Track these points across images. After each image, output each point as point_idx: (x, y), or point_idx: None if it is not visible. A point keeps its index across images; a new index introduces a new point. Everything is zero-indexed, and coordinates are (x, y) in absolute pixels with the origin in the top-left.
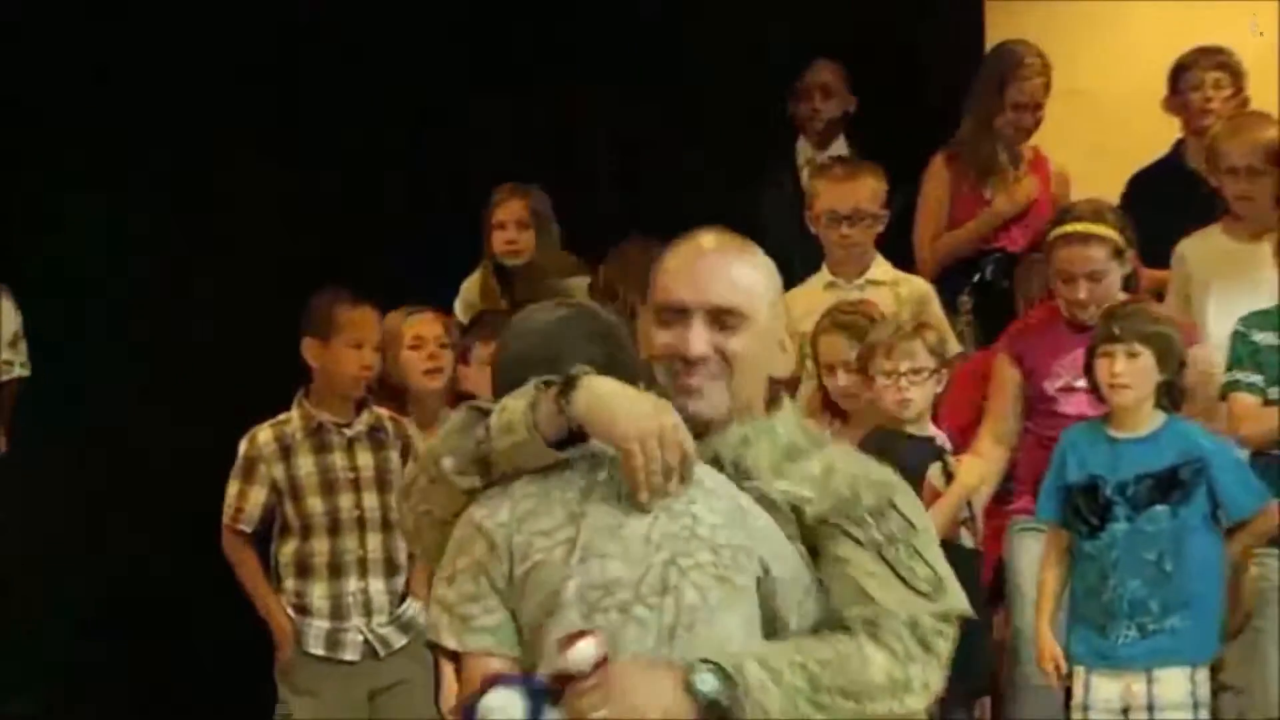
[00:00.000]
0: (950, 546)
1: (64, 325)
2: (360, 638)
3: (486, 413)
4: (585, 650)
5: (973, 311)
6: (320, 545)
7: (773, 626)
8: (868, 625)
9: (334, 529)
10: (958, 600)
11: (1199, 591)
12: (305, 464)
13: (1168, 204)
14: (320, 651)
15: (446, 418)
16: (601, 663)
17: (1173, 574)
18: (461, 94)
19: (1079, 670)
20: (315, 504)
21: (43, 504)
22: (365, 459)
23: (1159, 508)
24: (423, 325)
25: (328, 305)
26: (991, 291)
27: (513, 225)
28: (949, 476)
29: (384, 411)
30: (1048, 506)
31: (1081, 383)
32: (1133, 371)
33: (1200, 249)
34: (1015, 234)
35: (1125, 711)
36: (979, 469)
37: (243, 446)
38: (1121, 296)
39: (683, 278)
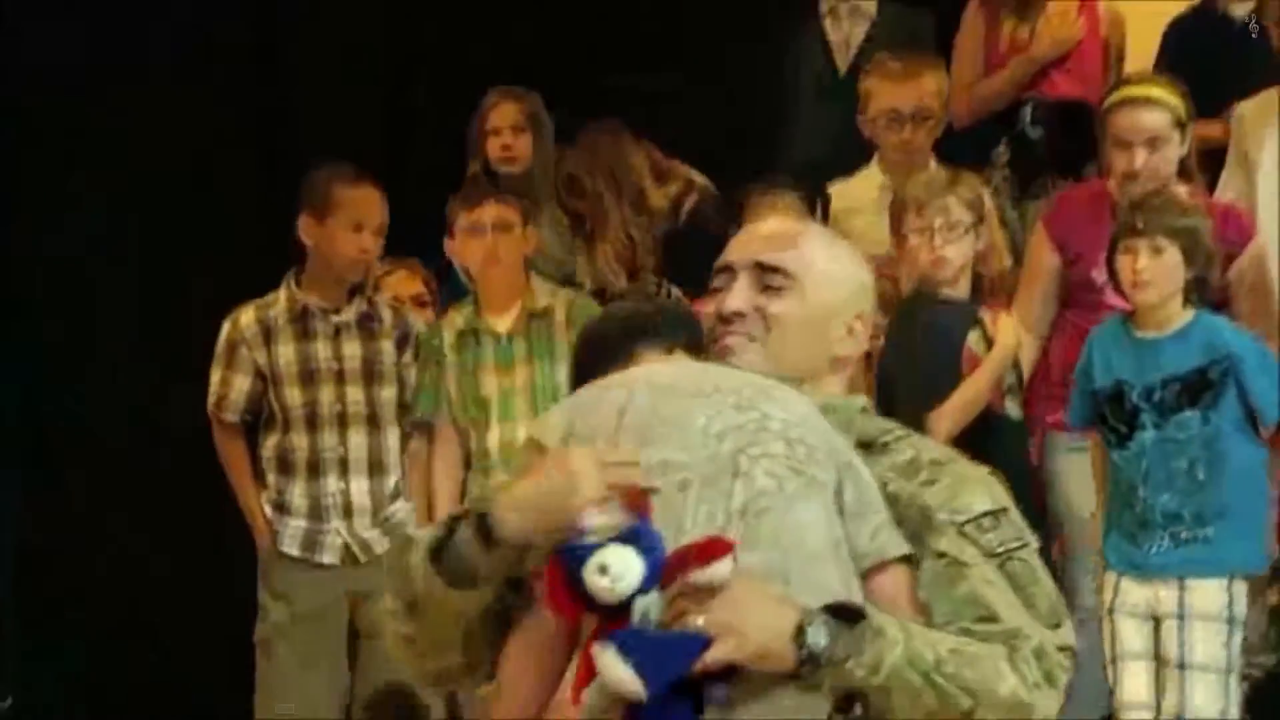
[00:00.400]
0: (995, 418)
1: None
2: (339, 540)
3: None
4: (723, 569)
5: (1009, 165)
6: (300, 440)
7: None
8: (1005, 643)
9: (313, 423)
10: (1071, 634)
11: (1236, 501)
12: (286, 351)
13: (1208, 54)
14: (296, 553)
15: None
16: None
17: (1206, 483)
18: None
19: (1110, 575)
20: (294, 395)
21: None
22: (352, 348)
23: (1188, 413)
24: (400, 283)
25: (326, 181)
26: (1029, 143)
27: (508, 130)
28: (989, 342)
29: (384, 299)
30: (1079, 411)
31: None
32: (1156, 268)
33: (1260, 110)
34: (1057, 79)
35: (1156, 621)
36: (1019, 329)
37: (225, 328)
38: (1179, 185)
39: (738, 241)
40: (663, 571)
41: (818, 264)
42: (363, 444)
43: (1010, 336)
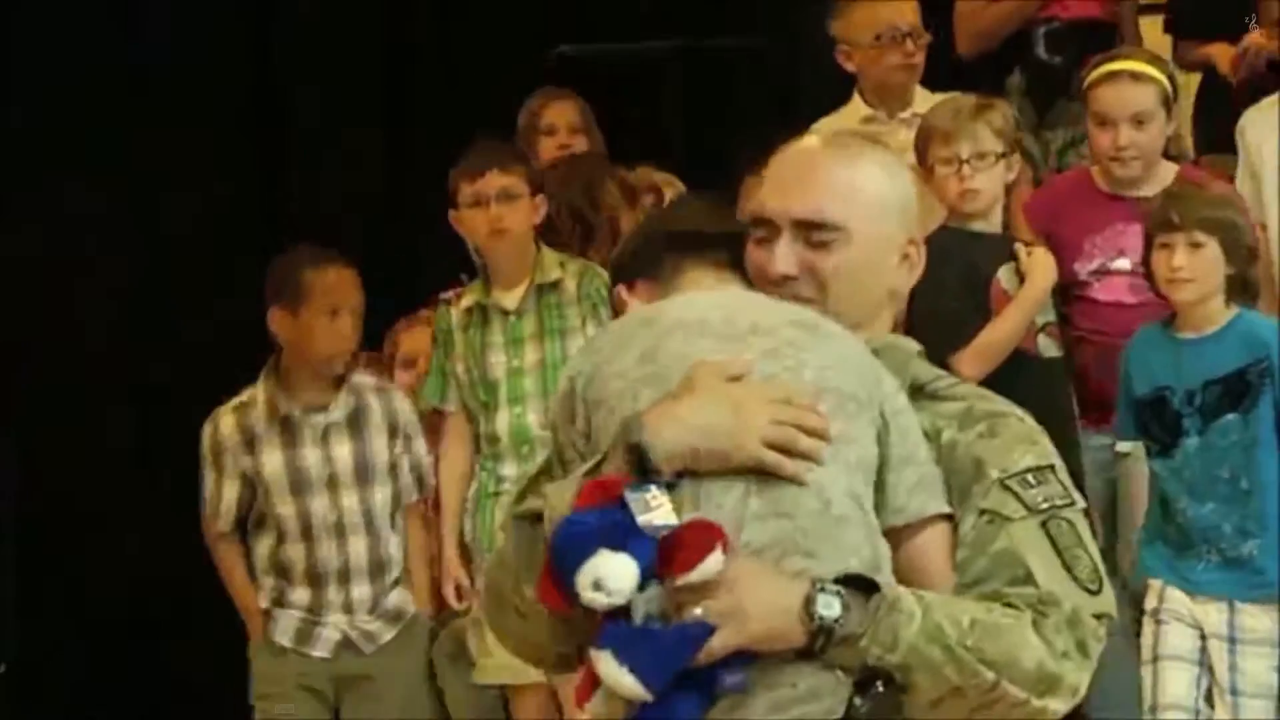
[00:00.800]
0: (1027, 360)
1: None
2: (337, 635)
3: (538, 516)
4: (712, 565)
5: (1026, 92)
6: (296, 551)
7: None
8: (1034, 609)
9: (308, 534)
10: (1111, 602)
11: (1275, 513)
12: (272, 460)
13: None
14: (288, 643)
15: None
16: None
17: (1249, 493)
18: None
19: (1155, 582)
20: (286, 505)
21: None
22: (342, 450)
23: (1230, 416)
24: (416, 342)
25: (293, 268)
26: (1045, 68)
27: (564, 129)
28: (1022, 279)
29: (368, 381)
30: (1125, 423)
31: (1121, 263)
32: (1196, 264)
33: (1261, 121)
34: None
35: (1201, 633)
36: (1054, 264)
37: (206, 431)
38: (1168, 164)
39: (772, 184)
40: (657, 565)
41: (860, 201)
42: (362, 551)
43: (1044, 273)
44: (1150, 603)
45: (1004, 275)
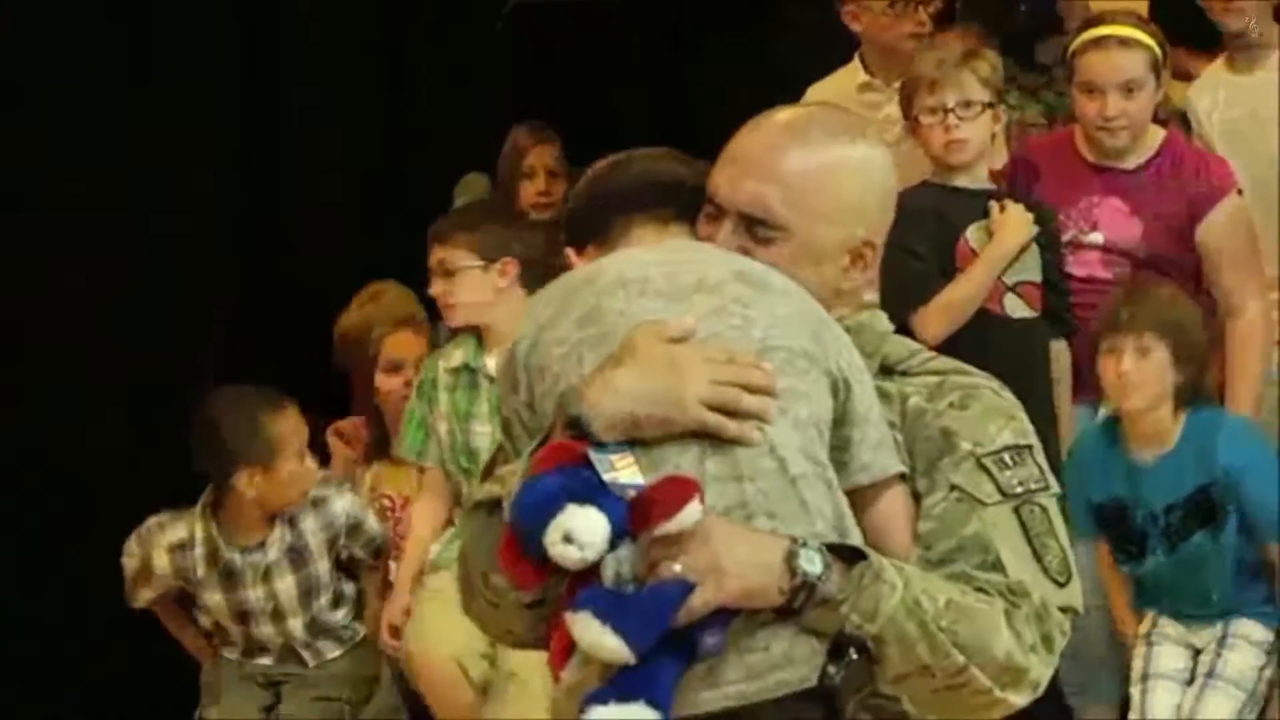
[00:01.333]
0: (993, 319)
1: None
2: (280, 640)
3: (496, 503)
4: (690, 514)
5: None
6: (236, 632)
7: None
8: (1005, 598)
9: (245, 619)
10: (1078, 596)
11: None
12: (214, 599)
13: None
14: (235, 656)
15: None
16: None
17: (1222, 600)
18: None
19: (1149, 610)
20: (230, 626)
21: None
22: (285, 583)
23: (1198, 537)
24: (401, 346)
25: (252, 421)
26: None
27: (543, 174)
28: (992, 236)
29: (315, 476)
30: (1082, 523)
31: (1094, 237)
32: (1144, 370)
33: (1205, 93)
34: None
35: (1195, 651)
36: (1026, 222)
37: (133, 548)
38: (1155, 129)
39: (725, 166)
40: (630, 523)
41: (811, 200)
42: (300, 626)
43: (1014, 231)
44: (1144, 628)
45: (972, 233)
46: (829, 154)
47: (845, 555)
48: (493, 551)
